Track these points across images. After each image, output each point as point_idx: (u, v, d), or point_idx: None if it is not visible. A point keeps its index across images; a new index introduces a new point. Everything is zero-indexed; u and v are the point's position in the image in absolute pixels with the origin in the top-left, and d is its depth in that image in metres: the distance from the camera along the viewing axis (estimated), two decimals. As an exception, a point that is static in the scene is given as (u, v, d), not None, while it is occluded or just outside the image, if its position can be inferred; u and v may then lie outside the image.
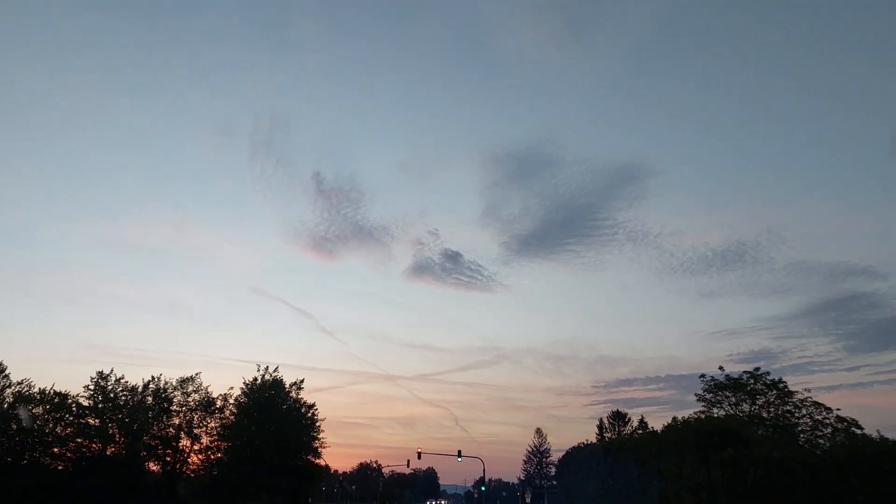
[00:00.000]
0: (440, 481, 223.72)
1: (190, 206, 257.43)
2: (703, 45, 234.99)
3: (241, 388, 51.92)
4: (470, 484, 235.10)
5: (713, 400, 46.08)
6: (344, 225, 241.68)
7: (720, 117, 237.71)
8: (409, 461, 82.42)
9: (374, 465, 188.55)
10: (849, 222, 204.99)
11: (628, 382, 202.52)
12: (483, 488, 78.69)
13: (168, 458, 47.81)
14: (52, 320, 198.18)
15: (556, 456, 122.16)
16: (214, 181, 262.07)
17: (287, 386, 54.72)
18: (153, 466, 48.21)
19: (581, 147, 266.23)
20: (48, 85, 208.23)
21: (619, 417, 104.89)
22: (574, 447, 63.15)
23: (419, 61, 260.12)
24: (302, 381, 55.85)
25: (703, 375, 46.44)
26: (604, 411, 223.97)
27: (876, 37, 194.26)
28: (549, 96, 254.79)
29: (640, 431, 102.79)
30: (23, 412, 41.06)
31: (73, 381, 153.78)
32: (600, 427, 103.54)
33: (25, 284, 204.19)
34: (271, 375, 52.95)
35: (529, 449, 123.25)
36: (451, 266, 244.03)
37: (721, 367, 45.96)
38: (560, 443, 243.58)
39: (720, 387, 45.56)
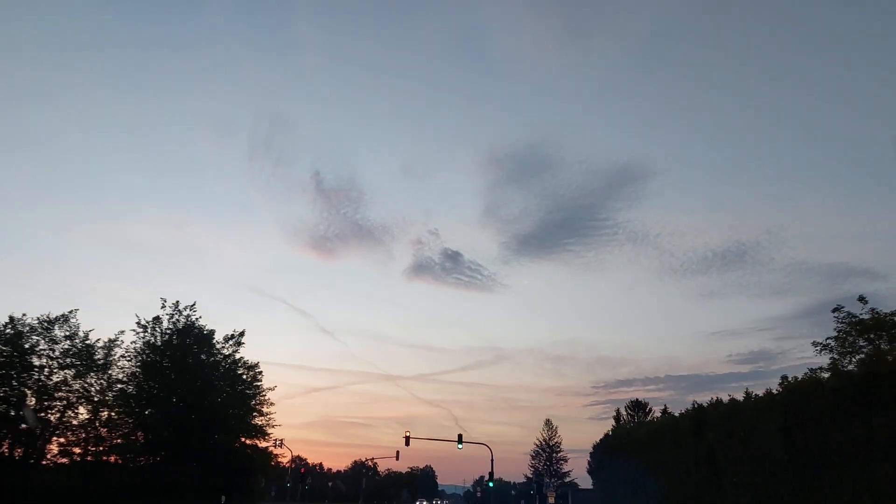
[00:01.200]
0: (438, 481, 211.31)
1: (190, 205, 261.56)
2: (703, 45, 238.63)
3: (135, 332, 35.46)
4: (469, 484, 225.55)
5: (842, 349, 29.59)
6: (344, 224, 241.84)
7: (720, 118, 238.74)
8: (397, 452, 66.99)
9: (370, 462, 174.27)
10: (849, 223, 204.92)
11: (628, 383, 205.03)
12: (490, 484, 61.54)
13: (25, 438, 31.85)
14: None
15: (566, 453, 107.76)
16: (214, 181, 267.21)
17: (221, 341, 38.78)
18: (3, 449, 32.15)
19: (581, 147, 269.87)
20: (49, 85, 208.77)
21: (638, 407, 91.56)
22: (615, 428, 46.42)
23: (419, 61, 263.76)
24: (241, 334, 39.70)
25: (837, 308, 29.87)
26: (604, 412, 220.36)
27: (877, 37, 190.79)
28: (549, 97, 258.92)
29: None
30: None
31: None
32: (617, 418, 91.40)
33: (26, 283, 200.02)
34: (184, 315, 36.39)
35: (537, 443, 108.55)
36: (451, 266, 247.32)
37: (862, 298, 29.55)
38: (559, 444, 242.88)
39: (864, 327, 29.02)
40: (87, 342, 32.77)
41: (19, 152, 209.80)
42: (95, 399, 32.91)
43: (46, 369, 32.15)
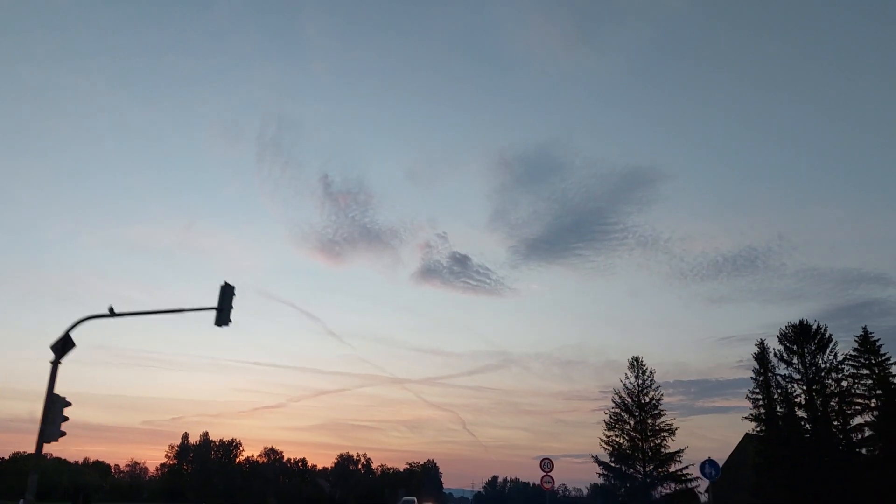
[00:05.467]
0: (444, 482, 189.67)
1: (197, 208, 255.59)
2: (714, 49, 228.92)
3: None
4: (479, 487, 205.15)
5: None
6: (352, 228, 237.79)
7: (731, 122, 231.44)
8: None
9: (363, 458, 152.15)
10: (861, 228, 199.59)
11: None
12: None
13: None
14: (61, 322, 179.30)
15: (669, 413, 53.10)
16: (222, 183, 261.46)
17: None
18: None
19: (590, 151, 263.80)
20: (56, 87, 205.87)
21: (806, 334, 48.77)
22: None
23: (428, 64, 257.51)
24: None
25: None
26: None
27: (887, 42, 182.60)
28: (559, 100, 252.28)
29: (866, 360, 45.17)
30: None
31: (82, 383, 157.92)
32: (761, 356, 50.36)
33: (34, 286, 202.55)
34: None
35: (617, 398, 52.03)
36: (459, 270, 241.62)
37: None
38: (567, 448, 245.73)
39: None
40: None
41: (28, 156, 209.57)
42: None
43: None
